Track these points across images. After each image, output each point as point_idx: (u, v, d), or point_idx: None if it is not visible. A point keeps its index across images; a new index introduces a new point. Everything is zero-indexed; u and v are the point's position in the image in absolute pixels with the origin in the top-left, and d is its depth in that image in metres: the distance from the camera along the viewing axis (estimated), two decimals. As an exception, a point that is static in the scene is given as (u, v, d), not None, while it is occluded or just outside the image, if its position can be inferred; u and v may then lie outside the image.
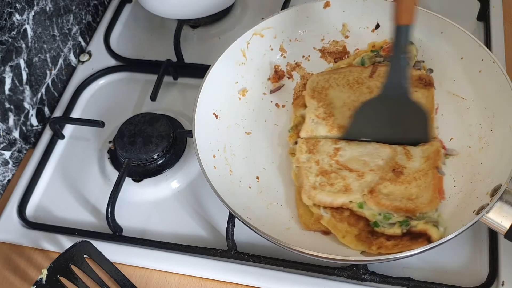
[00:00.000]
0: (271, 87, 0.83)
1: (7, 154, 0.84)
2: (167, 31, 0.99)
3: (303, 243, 0.65)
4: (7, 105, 0.82)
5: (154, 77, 0.90)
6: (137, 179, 0.81)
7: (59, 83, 0.95)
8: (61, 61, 0.94)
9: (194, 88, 0.78)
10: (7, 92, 0.82)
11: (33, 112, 0.88)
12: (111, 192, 0.75)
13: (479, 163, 0.69)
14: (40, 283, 0.68)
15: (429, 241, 0.62)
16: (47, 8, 0.89)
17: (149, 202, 0.79)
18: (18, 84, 0.84)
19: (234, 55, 0.80)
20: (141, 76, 0.95)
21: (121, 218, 0.76)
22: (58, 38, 0.93)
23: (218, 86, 0.77)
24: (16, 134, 0.85)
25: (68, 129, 0.89)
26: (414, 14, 0.64)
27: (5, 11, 0.79)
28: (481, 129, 0.72)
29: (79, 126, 0.89)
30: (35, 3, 0.86)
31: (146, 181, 0.80)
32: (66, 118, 0.89)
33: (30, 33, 0.85)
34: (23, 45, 0.84)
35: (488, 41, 0.87)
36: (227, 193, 0.67)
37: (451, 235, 0.59)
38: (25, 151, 0.88)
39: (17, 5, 0.81)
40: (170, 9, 0.93)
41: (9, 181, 0.85)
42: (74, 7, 0.96)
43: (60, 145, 0.88)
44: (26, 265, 0.76)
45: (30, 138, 0.88)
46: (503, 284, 0.65)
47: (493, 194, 0.61)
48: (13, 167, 0.86)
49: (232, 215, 0.67)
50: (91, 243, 0.71)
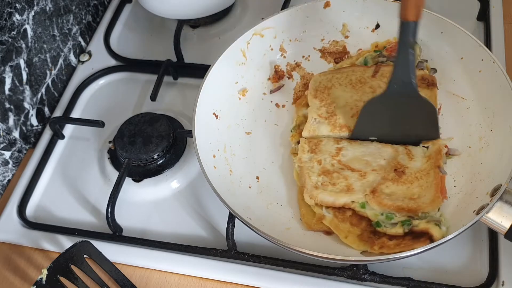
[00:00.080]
0: (271, 87, 0.83)
1: (7, 154, 0.84)
2: (167, 31, 0.99)
3: (303, 243, 0.65)
4: (7, 105, 0.82)
5: (154, 77, 0.90)
6: (137, 179, 0.81)
7: (59, 83, 0.95)
8: (61, 61, 0.94)
9: (194, 88, 0.78)
10: (7, 92, 0.82)
11: (33, 112, 0.88)
12: (111, 192, 0.75)
13: (479, 163, 0.69)
14: (40, 283, 0.68)
15: (431, 240, 0.62)
16: (47, 8, 0.89)
17: (149, 202, 0.79)
18: (18, 84, 0.84)
19: (234, 55, 0.80)
20: (141, 76, 0.95)
21: (121, 218, 0.76)
22: (58, 38, 0.93)
23: (218, 86, 0.77)
24: (16, 134, 0.85)
25: (68, 129, 0.89)
26: (421, 10, 0.63)
27: (5, 11, 0.79)
28: (481, 129, 0.72)
29: (79, 126, 0.89)
30: (35, 3, 0.86)
31: (146, 181, 0.80)
32: (66, 118, 0.89)
33: (30, 33, 0.85)
34: (23, 45, 0.84)
35: (488, 41, 0.87)
36: (227, 193, 0.67)
37: (451, 235, 0.59)
38: (25, 151, 0.88)
39: (17, 5, 0.81)
40: (170, 9, 0.93)
41: (9, 181, 0.85)
42: (74, 7, 0.96)
43: (60, 145, 0.88)
44: (26, 265, 0.76)
45: (30, 138, 0.88)
46: (503, 284, 0.65)
47: (493, 194, 0.61)
48: (13, 167, 0.86)
49: (232, 215, 0.67)
50: (91, 243, 0.71)
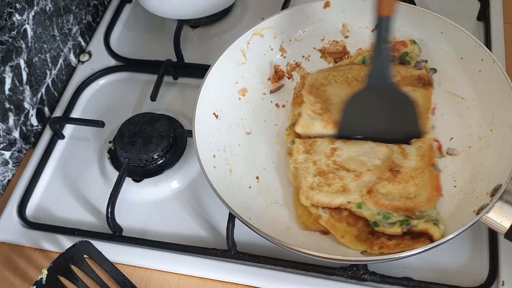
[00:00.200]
0: (271, 87, 0.83)
1: (7, 154, 0.84)
2: (167, 31, 0.99)
3: (303, 243, 0.65)
4: (7, 105, 0.82)
5: (154, 77, 0.90)
6: (137, 179, 0.81)
7: (59, 83, 0.95)
8: (61, 61, 0.94)
9: (194, 88, 0.78)
10: (7, 92, 0.82)
11: (33, 112, 0.88)
12: (111, 192, 0.75)
13: (479, 163, 0.69)
14: (40, 283, 0.68)
15: (430, 240, 0.62)
16: (47, 8, 0.89)
17: (149, 202, 0.79)
18: (18, 84, 0.84)
19: (234, 55, 0.80)
20: (141, 76, 0.95)
21: (121, 218, 0.76)
22: (58, 38, 0.93)
23: (218, 86, 0.77)
24: (16, 134, 0.85)
25: (68, 129, 0.89)
26: (395, 6, 0.64)
27: (5, 11, 0.79)
28: (481, 129, 0.72)
29: (79, 126, 0.89)
30: (35, 3, 0.86)
31: (146, 181, 0.80)
32: (66, 118, 0.89)
33: (30, 33, 0.85)
34: (23, 45, 0.84)
35: (488, 41, 0.87)
36: (227, 193, 0.67)
37: (451, 235, 0.59)
38: (25, 151, 0.88)
39: (17, 5, 0.81)
40: (170, 9, 0.93)
41: (9, 181, 0.85)
42: (74, 7, 0.96)
43: (60, 145, 0.88)
44: (26, 265, 0.76)
45: (30, 138, 0.88)
46: (503, 284, 0.65)
47: (493, 194, 0.61)
48: (13, 167, 0.86)
49: (232, 215, 0.67)
50: (91, 243, 0.71)
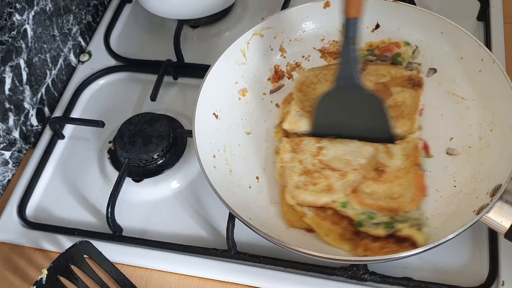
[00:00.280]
0: (271, 87, 0.83)
1: (7, 154, 0.84)
2: (167, 31, 0.99)
3: (303, 243, 0.65)
4: (7, 105, 0.82)
5: (154, 77, 0.90)
6: (137, 179, 0.81)
7: (59, 83, 0.95)
8: (61, 61, 0.94)
9: (194, 88, 0.78)
10: (7, 92, 0.82)
11: (33, 112, 0.88)
12: (111, 192, 0.75)
13: (479, 163, 0.69)
14: (40, 283, 0.68)
15: (414, 246, 0.62)
16: (47, 8, 0.89)
17: (149, 202, 0.79)
18: (18, 84, 0.84)
19: (234, 55, 0.80)
20: (141, 76, 0.95)
21: (121, 218, 0.76)
22: (58, 38, 0.93)
23: (218, 86, 0.77)
24: (16, 134, 0.85)
25: (68, 129, 0.89)
26: (362, 7, 0.64)
27: (5, 11, 0.79)
28: (481, 129, 0.72)
29: (79, 126, 0.89)
30: (35, 3, 0.86)
31: (146, 181, 0.80)
32: (66, 118, 0.89)
33: (30, 33, 0.85)
34: (23, 45, 0.84)
35: (488, 41, 0.87)
36: (227, 193, 0.67)
37: (451, 235, 0.59)
38: (25, 151, 0.88)
39: (17, 5, 0.81)
40: (170, 9, 0.93)
41: (9, 181, 0.85)
42: (74, 7, 0.96)
43: (60, 145, 0.88)
44: (26, 265, 0.76)
45: (30, 138, 0.88)
46: (503, 284, 0.65)
47: (493, 194, 0.61)
48: (13, 167, 0.86)
49: (232, 215, 0.67)
50: (91, 243, 0.71)
